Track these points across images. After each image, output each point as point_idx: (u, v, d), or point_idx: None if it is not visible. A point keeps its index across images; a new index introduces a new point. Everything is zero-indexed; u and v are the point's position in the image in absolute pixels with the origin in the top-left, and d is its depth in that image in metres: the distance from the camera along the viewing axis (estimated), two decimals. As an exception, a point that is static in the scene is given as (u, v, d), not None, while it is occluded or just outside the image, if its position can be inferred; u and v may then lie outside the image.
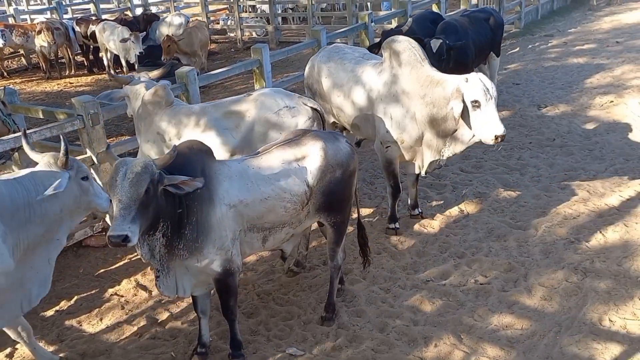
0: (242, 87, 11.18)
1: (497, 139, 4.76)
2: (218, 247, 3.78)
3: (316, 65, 6.22)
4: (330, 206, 4.26)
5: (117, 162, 3.42)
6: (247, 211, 3.87)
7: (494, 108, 4.76)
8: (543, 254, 5.24)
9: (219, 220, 3.75)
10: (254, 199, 3.88)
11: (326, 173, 4.12)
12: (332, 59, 6.06)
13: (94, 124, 5.68)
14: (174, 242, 3.65)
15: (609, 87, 9.77)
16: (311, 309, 4.76)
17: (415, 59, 5.26)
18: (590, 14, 16.62)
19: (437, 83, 5.05)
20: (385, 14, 11.39)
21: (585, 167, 6.86)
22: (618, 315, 4.36)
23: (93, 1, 17.66)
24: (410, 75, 5.27)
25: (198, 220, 3.69)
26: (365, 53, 6.25)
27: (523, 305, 4.58)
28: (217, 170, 3.83)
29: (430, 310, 4.62)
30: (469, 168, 7.12)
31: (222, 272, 3.88)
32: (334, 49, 6.28)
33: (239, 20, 16.47)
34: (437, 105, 5.03)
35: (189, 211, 3.65)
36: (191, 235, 3.68)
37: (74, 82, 13.83)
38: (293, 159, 4.07)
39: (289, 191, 4.00)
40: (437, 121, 5.08)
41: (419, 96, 5.15)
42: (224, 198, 3.78)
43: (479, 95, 4.72)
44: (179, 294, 3.96)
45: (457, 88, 4.83)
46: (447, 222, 5.92)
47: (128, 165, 3.37)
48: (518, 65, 11.69)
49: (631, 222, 5.58)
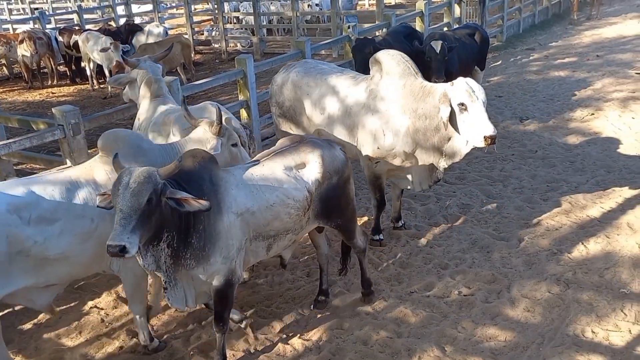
0: (226, 98, 11.14)
1: (487, 140, 4.57)
2: (224, 256, 3.76)
3: (290, 82, 5.93)
4: (329, 211, 4.33)
5: (122, 171, 3.36)
6: (253, 219, 3.87)
7: (482, 109, 4.62)
8: (526, 265, 5.26)
9: (227, 229, 3.73)
10: (260, 207, 3.88)
11: (324, 180, 4.19)
12: (309, 75, 5.83)
13: (75, 134, 5.61)
14: (181, 251, 3.60)
15: (589, 100, 9.90)
16: (294, 321, 4.72)
17: (410, 72, 5.17)
18: (570, 28, 16.88)
19: (429, 93, 4.99)
20: (369, 26, 11.45)
21: (567, 179, 6.93)
22: (600, 327, 4.37)
23: (76, 11, 17.57)
24: (404, 89, 5.14)
25: (205, 229, 3.65)
26: (342, 68, 6.10)
27: (506, 317, 4.58)
28: (224, 178, 3.82)
29: (413, 322, 4.60)
30: (452, 179, 7.14)
31: (223, 282, 3.85)
32: (309, 65, 6.09)
33: (224, 31, 16.47)
34: (429, 116, 4.94)
35: (196, 219, 3.61)
36: (198, 244, 3.64)
37: (56, 92, 13.71)
38: (294, 166, 4.11)
39: (292, 197, 4.02)
40: (431, 132, 4.98)
41: (412, 110, 5.04)
42: (231, 206, 3.76)
43: (464, 98, 4.65)
44: (189, 304, 3.92)
45: (444, 93, 4.80)
46: (431, 234, 5.93)
47: (132, 174, 3.31)
48: (500, 78, 11.82)
49: (612, 234, 5.62)
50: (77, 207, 3.74)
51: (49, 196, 3.68)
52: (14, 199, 3.57)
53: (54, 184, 3.75)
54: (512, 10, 15.97)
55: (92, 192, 3.79)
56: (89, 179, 3.87)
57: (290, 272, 5.42)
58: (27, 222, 3.55)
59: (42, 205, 3.63)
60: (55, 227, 3.64)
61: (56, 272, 3.78)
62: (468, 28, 9.37)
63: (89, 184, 3.85)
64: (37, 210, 3.61)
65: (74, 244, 3.73)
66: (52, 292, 4.04)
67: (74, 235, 3.72)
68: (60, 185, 3.77)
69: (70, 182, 3.81)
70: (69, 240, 3.70)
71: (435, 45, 7.51)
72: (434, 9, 12.87)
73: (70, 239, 3.71)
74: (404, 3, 21.98)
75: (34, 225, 3.57)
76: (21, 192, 3.64)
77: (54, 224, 3.65)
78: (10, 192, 3.62)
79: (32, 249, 3.58)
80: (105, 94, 12.94)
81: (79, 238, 3.74)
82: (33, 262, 3.63)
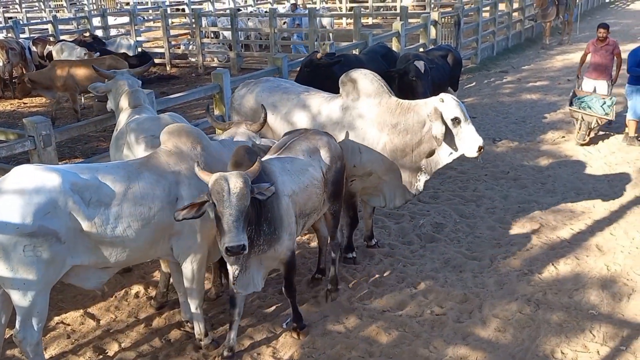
0: (201, 112, 11.09)
1: (480, 150, 4.89)
2: (290, 233, 4.24)
3: (255, 100, 5.84)
4: (334, 194, 4.84)
5: (217, 178, 3.67)
6: (297, 199, 4.35)
7: (471, 122, 4.93)
8: (497, 285, 5.30)
9: (285, 210, 4.20)
10: (299, 188, 4.39)
11: (332, 164, 4.75)
12: (275, 94, 5.79)
13: (45, 145, 5.51)
14: (254, 240, 3.95)
15: (560, 123, 10.10)
16: (265, 339, 4.66)
17: (384, 90, 5.26)
18: (543, 52, 17.26)
19: (408, 109, 5.08)
20: (346, 45, 11.55)
21: (538, 200, 7.03)
22: (570, 348, 4.42)
23: (51, 22, 17.36)
24: (380, 107, 5.20)
25: (272, 215, 4.07)
26: (307, 87, 6.03)
27: (478, 337, 4.60)
28: (270, 168, 4.24)
29: (385, 342, 4.58)
30: (426, 198, 7.19)
31: (290, 254, 4.35)
32: (273, 83, 6.07)
33: (201, 45, 16.45)
34: (411, 131, 5.05)
35: (263, 209, 4.00)
36: (269, 230, 4.06)
37: (28, 102, 13.48)
38: (310, 152, 4.63)
39: (316, 179, 4.56)
40: (412, 147, 5.08)
41: (391, 125, 5.11)
42: (284, 190, 4.23)
43: (458, 113, 4.85)
44: (256, 288, 4.29)
45: (435, 108, 4.89)
46: (404, 252, 5.94)
47: (229, 180, 3.65)
48: (474, 99, 11.99)
49: (582, 255, 5.71)
50: (137, 195, 3.96)
51: (111, 182, 3.91)
52: (79, 180, 3.83)
53: (117, 172, 4.01)
54: (486, 34, 16.30)
55: (152, 182, 4.03)
56: (150, 169, 4.09)
57: (262, 290, 5.36)
58: (87, 204, 3.79)
59: (103, 190, 3.87)
60: (112, 211, 3.87)
61: (113, 254, 3.98)
62: (441, 50, 9.49)
63: (150, 174, 4.06)
64: (98, 194, 3.84)
65: (131, 230, 3.94)
66: (106, 274, 4.23)
67: (132, 221, 3.93)
68: (123, 173, 4.01)
69: (133, 171, 4.05)
70: (126, 226, 3.91)
71: (419, 65, 7.58)
72: (410, 30, 13.06)
73: (128, 224, 3.92)
74: (381, 23, 22.24)
75: (93, 208, 3.81)
76: (86, 175, 3.89)
77: (112, 208, 3.87)
78: (78, 174, 3.87)
79: (91, 229, 3.82)
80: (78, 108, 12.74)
81: (136, 224, 3.95)
82: (92, 242, 3.88)
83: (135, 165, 4.14)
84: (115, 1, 31.80)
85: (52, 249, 3.69)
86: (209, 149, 4.35)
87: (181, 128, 4.37)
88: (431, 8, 22.36)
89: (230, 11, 16.84)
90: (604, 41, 9.42)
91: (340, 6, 26.05)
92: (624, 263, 5.56)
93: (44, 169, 3.84)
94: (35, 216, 3.62)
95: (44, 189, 3.70)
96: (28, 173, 3.78)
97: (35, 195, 3.67)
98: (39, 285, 3.74)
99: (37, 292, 3.76)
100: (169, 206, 4.02)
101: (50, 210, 3.67)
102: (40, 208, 3.64)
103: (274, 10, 16.66)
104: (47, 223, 3.65)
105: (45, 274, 3.73)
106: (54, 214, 3.68)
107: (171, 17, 19.81)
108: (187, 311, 4.68)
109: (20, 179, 3.73)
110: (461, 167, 8.10)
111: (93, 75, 10.48)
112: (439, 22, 13.52)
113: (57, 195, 3.70)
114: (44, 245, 3.65)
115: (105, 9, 22.21)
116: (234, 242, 3.57)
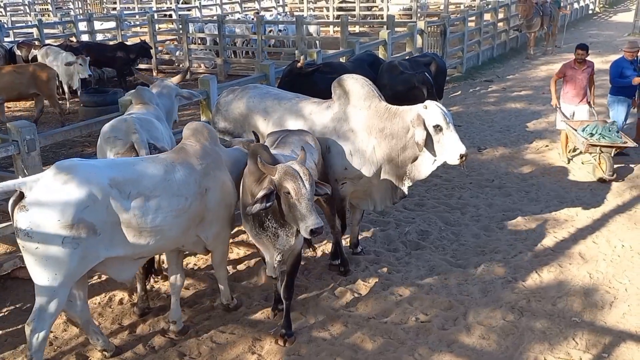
0: (188, 118, 11.03)
1: (462, 158, 4.90)
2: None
3: (246, 106, 5.88)
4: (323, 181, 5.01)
5: (287, 169, 3.98)
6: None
7: (454, 130, 4.95)
8: (482, 292, 5.33)
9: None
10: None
11: (319, 155, 5.12)
12: (266, 99, 5.84)
13: (29, 150, 5.46)
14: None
15: (544, 132, 10.22)
16: (250, 346, 4.65)
17: (374, 95, 5.34)
18: (527, 62, 17.46)
19: (395, 114, 5.15)
20: (333, 53, 11.60)
21: (522, 208, 7.09)
22: (553, 355, 4.45)
23: (36, 25, 17.24)
24: (369, 110, 5.27)
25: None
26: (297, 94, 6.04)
27: (462, 344, 4.62)
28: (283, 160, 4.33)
29: (370, 349, 4.59)
30: (412, 206, 7.23)
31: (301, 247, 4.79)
32: (262, 89, 6.10)
33: (188, 51, 16.41)
34: (396, 136, 5.11)
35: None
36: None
37: (12, 106, 13.34)
38: (303, 144, 4.78)
39: (312, 169, 4.67)
40: (397, 151, 5.16)
41: (378, 129, 5.19)
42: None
43: (440, 120, 4.88)
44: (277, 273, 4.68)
45: (418, 115, 4.94)
46: (390, 260, 5.96)
47: (297, 169, 3.98)
48: (459, 108, 12.09)
49: (565, 263, 5.77)
50: (174, 187, 4.23)
51: (150, 175, 4.17)
52: (117, 175, 4.05)
53: (154, 165, 4.26)
54: (471, 43, 16.44)
55: (186, 175, 4.33)
56: (182, 163, 4.38)
57: (247, 296, 5.36)
58: (127, 197, 4.02)
59: (143, 183, 4.11)
60: (152, 203, 4.11)
61: (149, 245, 4.21)
62: (425, 57, 9.52)
63: (183, 167, 4.35)
64: (138, 187, 4.08)
65: (168, 219, 4.19)
66: (137, 266, 4.52)
67: (170, 211, 4.19)
68: (160, 166, 4.27)
69: (168, 165, 4.31)
70: (165, 215, 4.17)
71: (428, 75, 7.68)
72: (396, 38, 13.14)
73: (166, 214, 4.17)
74: (368, 31, 22.37)
75: (134, 200, 4.04)
76: (125, 170, 4.13)
77: (152, 200, 4.11)
78: (116, 169, 4.12)
79: (131, 221, 4.05)
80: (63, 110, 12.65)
81: (173, 214, 4.22)
82: (132, 233, 4.09)
83: (168, 159, 4.39)
84: (102, 6, 31.67)
85: (88, 241, 3.90)
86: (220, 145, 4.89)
87: (203, 126, 4.77)
88: (417, 17, 22.55)
89: (217, 17, 16.84)
90: (583, 63, 8.77)
91: (328, 14, 26.17)
92: (606, 271, 5.62)
93: (84, 165, 4.06)
94: (75, 210, 3.83)
95: (84, 183, 3.90)
96: (69, 168, 3.97)
97: (76, 189, 3.87)
98: (66, 277, 3.93)
99: (63, 284, 3.94)
100: (200, 197, 4.36)
101: (89, 204, 3.87)
102: (80, 202, 3.85)
103: (261, 17, 16.69)
104: (86, 216, 3.86)
105: (77, 266, 3.94)
106: (92, 207, 3.88)
107: (158, 22, 19.74)
108: (176, 311, 4.82)
109: (61, 174, 3.91)
110: (446, 175, 8.16)
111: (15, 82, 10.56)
112: (426, 31, 13.63)
113: (96, 190, 3.91)
114: (81, 237, 3.86)
115: (91, 14, 22.12)
116: (317, 223, 3.90)
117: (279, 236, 4.33)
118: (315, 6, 28.11)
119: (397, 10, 25.38)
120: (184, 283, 5.06)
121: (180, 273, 4.86)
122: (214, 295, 5.36)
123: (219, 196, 4.53)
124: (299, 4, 28.14)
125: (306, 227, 3.93)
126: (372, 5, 26.35)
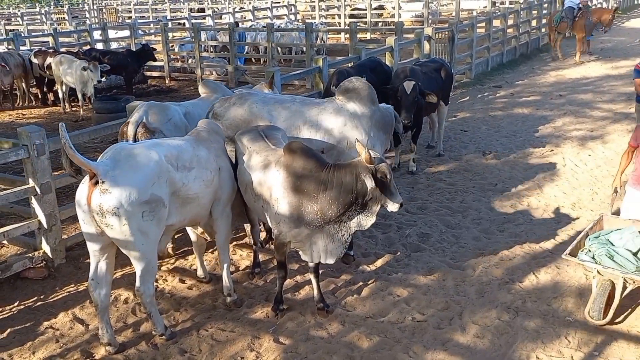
0: (197, 125, 11.24)
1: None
2: None
3: (249, 111, 5.98)
4: None
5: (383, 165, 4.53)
6: None
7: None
8: (478, 293, 5.41)
9: None
10: None
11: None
12: (269, 104, 6.03)
13: (39, 154, 5.66)
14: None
15: (549, 137, 10.25)
16: (249, 344, 4.77)
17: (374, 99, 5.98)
18: (536, 68, 17.45)
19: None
20: (340, 59, 11.74)
21: (523, 212, 7.14)
22: (545, 353, 4.52)
23: (52, 34, 17.61)
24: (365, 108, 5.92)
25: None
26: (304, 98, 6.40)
27: (456, 343, 4.70)
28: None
29: (366, 347, 4.69)
30: (414, 209, 7.32)
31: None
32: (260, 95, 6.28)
33: (200, 59, 16.67)
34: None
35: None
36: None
37: (26, 113, 13.67)
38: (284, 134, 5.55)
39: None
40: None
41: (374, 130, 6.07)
42: None
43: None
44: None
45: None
46: (390, 261, 6.06)
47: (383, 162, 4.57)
48: (467, 114, 12.16)
49: (562, 265, 5.82)
50: (202, 161, 4.85)
51: (185, 150, 4.76)
52: (166, 151, 4.61)
53: (184, 143, 4.86)
54: (480, 49, 16.48)
55: (207, 153, 4.95)
56: (202, 143, 5.02)
57: (249, 296, 5.48)
58: (176, 169, 4.59)
59: (183, 156, 4.71)
60: (192, 173, 4.72)
61: (190, 211, 4.82)
62: (434, 63, 9.62)
63: (202, 146, 4.98)
64: (181, 160, 4.67)
65: (202, 188, 4.82)
66: (169, 237, 5.40)
67: (202, 181, 4.81)
68: (188, 144, 4.88)
69: (193, 143, 4.93)
70: (200, 185, 4.79)
71: (407, 86, 7.71)
72: (403, 44, 13.24)
73: (200, 183, 4.79)
74: (379, 38, 22.50)
75: (180, 171, 4.63)
76: (168, 147, 4.69)
77: (191, 171, 4.72)
78: (163, 147, 4.65)
79: (180, 190, 4.64)
80: (77, 117, 12.94)
81: (205, 184, 4.84)
82: (180, 202, 4.68)
83: (191, 139, 5.01)
84: (117, 15, 32.19)
85: (161, 212, 4.45)
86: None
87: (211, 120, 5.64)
88: (428, 24, 22.64)
89: (229, 26, 17.08)
90: None
91: (340, 21, 26.38)
92: (603, 273, 5.67)
93: (139, 146, 4.64)
94: (147, 185, 4.34)
95: (148, 161, 4.43)
96: (129, 150, 4.50)
97: (144, 167, 4.39)
98: (153, 244, 4.50)
99: (152, 250, 4.52)
100: (217, 173, 4.98)
101: (155, 180, 4.41)
102: (149, 178, 4.38)
103: (271, 25, 16.90)
104: (155, 191, 4.40)
105: (157, 234, 4.52)
106: (158, 182, 4.42)
107: (171, 30, 20.05)
108: (227, 286, 5.35)
109: (125, 156, 4.42)
110: (450, 179, 8.24)
111: None
112: (433, 37, 13.71)
113: (159, 167, 4.46)
114: (155, 210, 4.40)
115: (105, 22, 22.51)
116: (402, 200, 4.60)
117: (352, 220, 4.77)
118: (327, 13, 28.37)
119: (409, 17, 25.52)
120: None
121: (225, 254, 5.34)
122: (215, 295, 5.50)
123: (227, 176, 5.12)
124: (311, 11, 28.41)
125: (395, 202, 4.56)
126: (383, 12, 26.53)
